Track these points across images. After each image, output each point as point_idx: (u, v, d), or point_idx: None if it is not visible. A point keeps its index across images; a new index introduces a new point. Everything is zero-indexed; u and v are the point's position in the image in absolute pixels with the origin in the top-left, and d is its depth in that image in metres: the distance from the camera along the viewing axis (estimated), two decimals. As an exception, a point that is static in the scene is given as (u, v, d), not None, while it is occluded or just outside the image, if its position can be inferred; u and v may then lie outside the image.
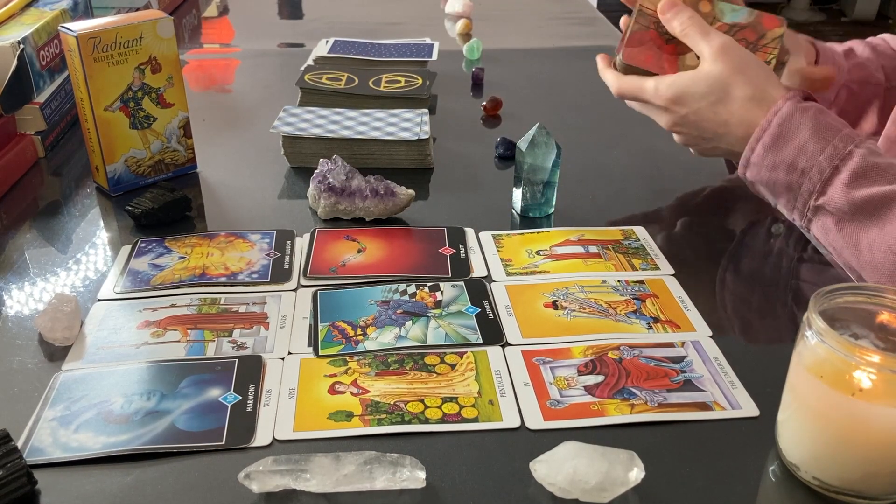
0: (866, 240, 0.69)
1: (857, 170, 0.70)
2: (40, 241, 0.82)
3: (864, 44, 0.97)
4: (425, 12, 1.56)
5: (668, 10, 0.81)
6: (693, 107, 0.78)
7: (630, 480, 0.51)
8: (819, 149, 0.71)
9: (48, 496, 0.52)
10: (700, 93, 0.77)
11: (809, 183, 0.72)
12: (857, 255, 0.70)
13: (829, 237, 0.73)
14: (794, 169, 0.72)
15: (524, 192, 0.84)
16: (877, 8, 4.47)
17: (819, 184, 0.71)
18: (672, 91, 0.78)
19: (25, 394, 0.61)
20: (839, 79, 0.92)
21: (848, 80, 0.93)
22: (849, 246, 0.71)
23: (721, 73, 0.76)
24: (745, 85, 0.76)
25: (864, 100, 0.94)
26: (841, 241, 0.71)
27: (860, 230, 0.69)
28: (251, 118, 1.08)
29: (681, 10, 0.80)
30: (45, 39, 1.01)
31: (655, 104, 0.80)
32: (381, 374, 0.63)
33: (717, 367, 0.64)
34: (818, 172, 0.71)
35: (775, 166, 0.73)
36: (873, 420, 0.49)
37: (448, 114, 1.10)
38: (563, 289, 0.73)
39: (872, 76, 0.94)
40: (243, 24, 1.56)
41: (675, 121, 0.80)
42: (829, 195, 0.71)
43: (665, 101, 0.79)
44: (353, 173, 0.83)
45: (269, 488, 0.52)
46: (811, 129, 0.72)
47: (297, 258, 0.77)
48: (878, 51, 0.97)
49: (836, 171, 0.70)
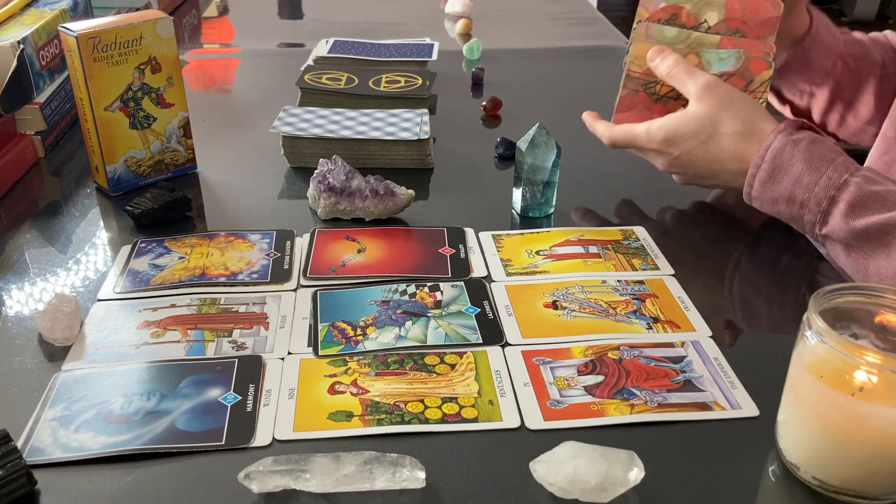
0: (874, 267, 0.69)
1: (854, 200, 0.70)
2: (40, 241, 0.82)
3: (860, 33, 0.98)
4: (425, 12, 1.56)
5: (655, 57, 0.82)
6: (684, 147, 0.79)
7: (630, 480, 0.51)
8: (814, 180, 0.72)
9: (48, 496, 0.52)
10: (690, 132, 0.78)
11: (810, 214, 0.72)
12: (867, 279, 0.71)
13: (839, 261, 0.74)
14: (794, 202, 0.73)
15: (524, 192, 0.84)
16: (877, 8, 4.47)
17: (819, 215, 0.72)
18: (663, 133, 0.79)
19: (25, 394, 0.61)
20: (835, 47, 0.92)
21: (844, 52, 0.93)
22: (858, 272, 0.71)
23: (708, 111, 0.77)
24: (733, 121, 0.76)
25: (861, 75, 0.94)
26: (851, 266, 0.72)
27: (866, 258, 0.70)
28: (251, 118, 1.08)
29: (668, 55, 0.82)
30: (45, 39, 1.01)
31: (649, 148, 0.81)
32: (380, 374, 0.63)
33: (717, 367, 0.64)
34: (816, 204, 0.72)
35: (775, 201, 0.74)
36: (873, 420, 0.49)
37: (448, 114, 1.10)
38: (563, 289, 0.73)
39: (869, 54, 0.95)
40: (243, 24, 1.56)
41: (670, 162, 0.81)
42: (831, 226, 0.71)
43: (658, 144, 0.80)
44: (353, 173, 0.83)
45: (269, 488, 0.52)
46: (804, 161, 0.72)
47: (296, 258, 0.77)
48: (876, 41, 0.97)
49: (834, 202, 0.71)
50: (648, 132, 0.80)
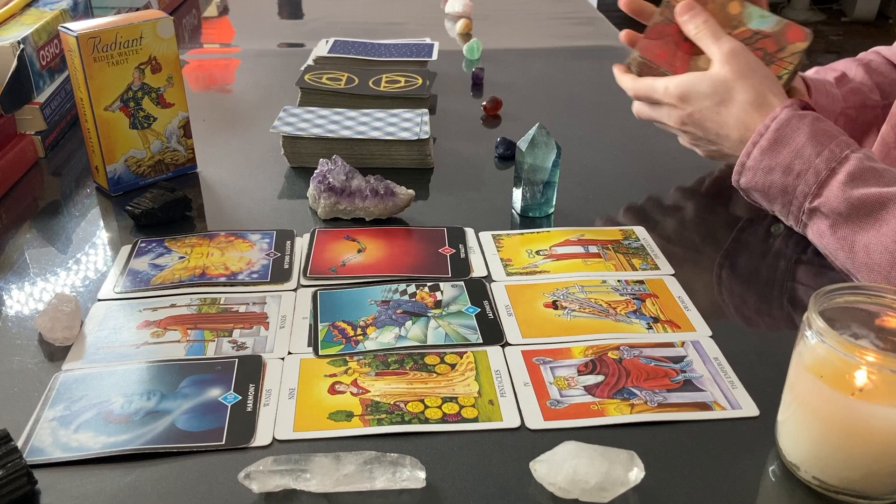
0: (862, 241, 0.69)
1: (854, 171, 0.70)
2: (40, 241, 0.82)
3: (856, 64, 0.98)
4: (425, 12, 1.56)
5: (685, 13, 0.83)
6: (698, 105, 0.80)
7: (630, 480, 0.52)
8: (816, 152, 0.72)
9: (48, 496, 0.52)
10: (704, 92, 0.79)
11: (805, 185, 0.73)
12: (852, 256, 0.70)
13: (823, 240, 0.74)
14: (790, 171, 0.73)
15: (524, 192, 0.84)
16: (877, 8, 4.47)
17: (815, 185, 0.72)
18: (680, 89, 0.81)
19: (25, 394, 0.61)
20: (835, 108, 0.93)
21: (844, 106, 0.94)
22: (843, 248, 0.71)
23: (727, 76, 0.79)
24: (748, 89, 0.77)
25: (864, 123, 0.95)
26: (835, 243, 0.72)
27: (855, 231, 0.70)
28: (251, 118, 1.08)
29: (697, 14, 0.82)
30: (45, 39, 1.01)
31: (665, 102, 0.83)
32: (381, 374, 0.63)
33: (717, 367, 0.64)
34: (814, 174, 0.72)
35: (771, 169, 0.75)
36: (873, 420, 0.50)
37: (448, 114, 1.10)
38: (563, 289, 0.73)
39: (868, 99, 0.95)
40: (243, 24, 1.56)
41: (681, 118, 0.82)
42: (825, 196, 0.71)
43: (673, 99, 0.82)
44: (353, 173, 0.83)
45: (269, 488, 0.52)
46: (808, 135, 0.73)
47: (297, 258, 0.77)
48: (872, 68, 0.97)
49: (833, 173, 0.71)
50: (667, 87, 0.82)
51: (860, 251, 0.70)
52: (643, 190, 0.91)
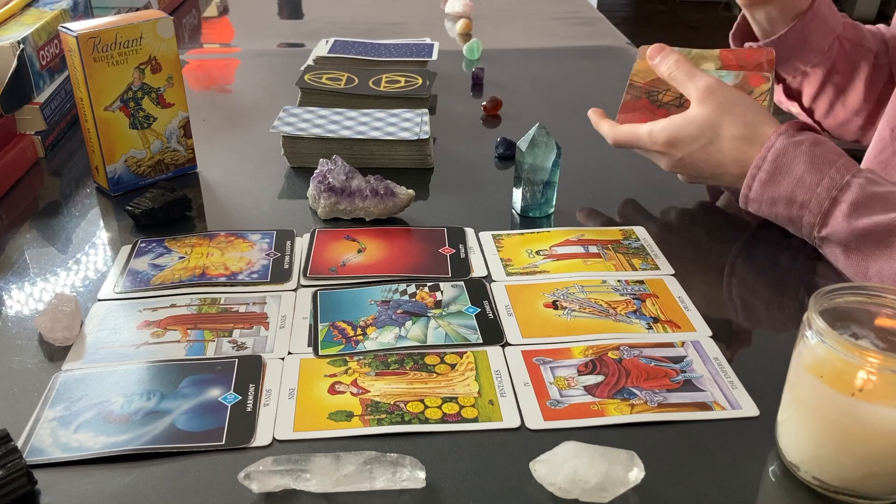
0: (874, 268, 0.69)
1: (857, 200, 0.70)
2: (40, 241, 0.82)
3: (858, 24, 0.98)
4: (425, 12, 1.56)
5: (655, 55, 0.83)
6: (686, 150, 0.79)
7: (630, 480, 0.51)
8: (816, 181, 0.71)
9: (48, 496, 0.52)
10: (691, 136, 0.78)
11: (810, 215, 0.72)
12: (867, 280, 0.70)
13: (838, 264, 0.74)
14: (793, 203, 0.73)
15: (524, 192, 0.84)
16: (877, 8, 4.47)
17: (819, 216, 0.72)
18: (665, 135, 0.80)
19: (25, 394, 0.61)
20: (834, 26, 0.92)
21: (841, 34, 0.93)
22: (857, 274, 0.71)
23: (709, 114, 0.78)
24: (734, 125, 0.77)
25: (855, 60, 0.95)
26: (849, 268, 0.72)
27: (866, 259, 0.70)
28: (251, 118, 1.08)
29: (668, 55, 0.82)
30: (45, 39, 1.01)
31: (652, 149, 0.82)
32: (381, 374, 0.63)
33: (717, 367, 0.64)
34: (817, 205, 0.71)
35: (774, 202, 0.74)
36: (873, 420, 0.49)
37: (448, 114, 1.10)
38: (563, 289, 0.73)
39: (865, 40, 0.95)
40: (243, 24, 1.56)
41: (673, 163, 0.81)
42: (832, 227, 0.71)
43: (660, 147, 0.80)
44: (353, 173, 0.83)
45: (269, 488, 0.52)
46: (806, 163, 0.72)
47: (297, 258, 0.77)
48: (870, 31, 0.97)
49: (836, 203, 0.71)
50: (651, 134, 0.81)
51: (874, 278, 0.70)
52: (643, 190, 0.91)
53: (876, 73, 0.95)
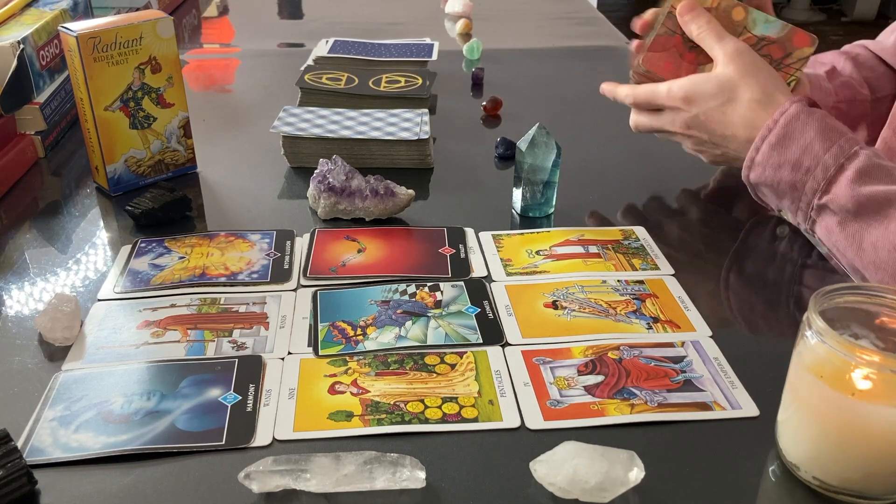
0: (870, 238, 0.69)
1: (863, 168, 0.70)
2: (40, 241, 0.82)
3: (844, 57, 0.98)
4: (425, 12, 1.56)
5: (686, 13, 0.83)
6: (703, 107, 0.79)
7: (630, 480, 0.52)
8: (825, 148, 0.72)
9: (48, 496, 0.52)
10: (710, 93, 0.79)
11: (814, 181, 0.72)
12: (860, 253, 0.70)
13: (832, 237, 0.73)
14: (799, 167, 0.73)
15: (524, 192, 0.84)
16: (877, 8, 4.47)
17: (824, 182, 0.72)
18: (684, 90, 0.80)
19: (25, 394, 0.61)
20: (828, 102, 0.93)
21: (836, 101, 0.94)
22: (852, 245, 0.71)
23: (731, 75, 0.78)
24: (753, 88, 0.77)
25: (854, 118, 0.95)
26: (844, 240, 0.72)
27: (864, 228, 0.70)
28: (251, 118, 1.08)
29: (699, 14, 0.82)
30: (45, 39, 1.01)
31: (669, 105, 0.82)
32: (381, 374, 0.63)
33: (717, 367, 0.64)
34: (823, 170, 0.72)
35: (780, 165, 0.74)
36: (873, 420, 0.50)
37: (448, 114, 1.10)
38: (563, 289, 0.73)
39: (858, 93, 0.95)
40: (243, 24, 1.56)
41: (686, 121, 0.81)
42: (834, 193, 0.71)
43: (678, 101, 0.81)
44: (353, 173, 0.83)
45: (269, 488, 0.52)
46: (817, 130, 0.73)
47: (297, 258, 0.77)
48: (859, 62, 0.97)
49: (842, 169, 0.71)
50: (670, 90, 0.81)
51: (868, 248, 0.70)
52: (643, 190, 0.91)
53: (877, 108, 0.95)
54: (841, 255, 0.73)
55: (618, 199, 0.89)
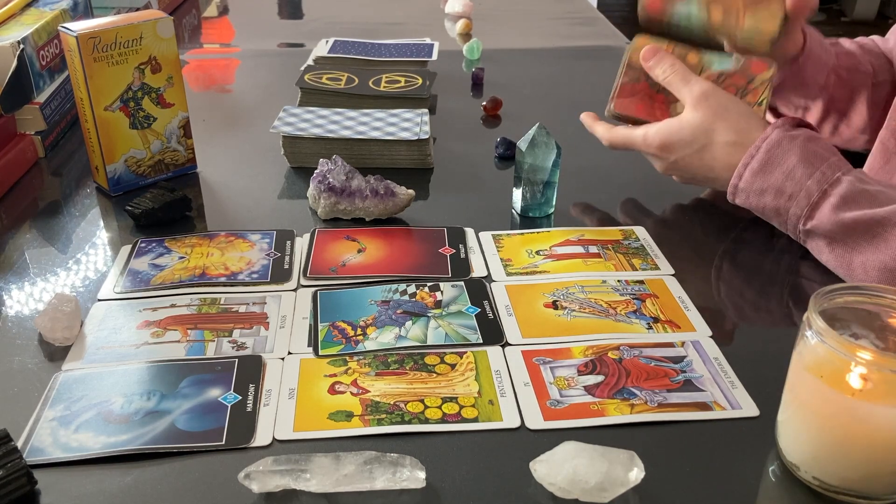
0: (859, 260, 0.70)
1: (846, 194, 0.70)
2: (40, 241, 0.82)
3: (850, 41, 0.98)
4: (425, 12, 1.56)
5: (650, 58, 0.83)
6: (680, 154, 0.80)
7: (630, 480, 0.52)
8: (807, 174, 0.72)
9: (48, 496, 0.52)
10: (684, 141, 0.79)
11: (797, 208, 0.73)
12: (850, 273, 0.71)
13: (822, 257, 0.74)
14: (782, 194, 0.73)
15: (524, 192, 0.84)
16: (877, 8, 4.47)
17: (807, 208, 0.72)
18: (659, 139, 0.81)
19: (25, 394, 0.61)
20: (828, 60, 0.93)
21: (836, 65, 0.93)
22: (841, 266, 0.72)
23: (703, 120, 0.78)
24: (727, 131, 0.77)
25: (853, 87, 0.95)
26: (833, 261, 0.73)
27: (851, 251, 0.70)
28: (251, 118, 1.08)
29: (662, 58, 0.82)
30: (45, 39, 1.01)
31: (646, 151, 0.83)
32: (381, 374, 0.63)
33: (717, 367, 0.64)
34: (806, 196, 0.72)
35: (763, 192, 0.75)
36: (873, 420, 0.50)
37: (448, 114, 1.10)
38: (563, 289, 0.73)
39: (861, 64, 0.95)
40: (243, 24, 1.56)
41: (667, 166, 0.83)
42: (818, 219, 0.72)
43: (654, 150, 0.82)
44: (353, 173, 0.83)
45: (269, 488, 0.52)
46: (799, 156, 0.73)
47: (297, 258, 0.77)
48: (865, 48, 0.97)
49: (825, 196, 0.71)
50: (646, 137, 0.82)
51: (857, 269, 0.70)
52: (643, 190, 0.91)
53: (877, 91, 0.95)
54: (834, 271, 0.74)
55: (618, 199, 0.89)
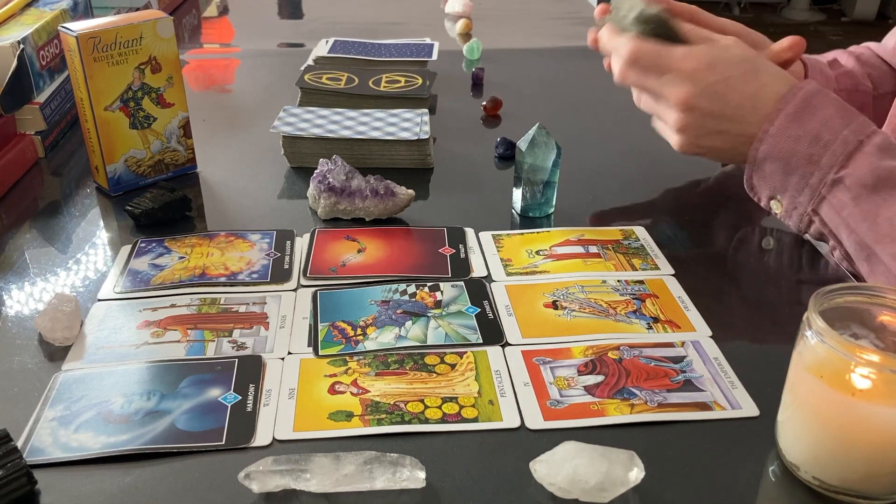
0: (886, 213, 0.68)
1: (882, 144, 0.71)
2: (40, 241, 0.82)
3: (847, 54, 0.98)
4: (425, 12, 1.56)
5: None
6: (725, 74, 0.74)
7: (630, 480, 0.52)
8: (844, 124, 0.72)
9: (48, 496, 0.52)
10: (734, 59, 0.74)
11: (832, 155, 0.71)
12: (874, 227, 0.69)
13: (842, 213, 0.71)
14: (818, 140, 0.72)
15: (524, 192, 0.84)
16: (877, 8, 4.47)
17: (843, 156, 0.71)
18: (708, 56, 0.74)
19: (25, 394, 0.61)
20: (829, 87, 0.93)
21: (837, 88, 0.94)
22: (866, 219, 0.70)
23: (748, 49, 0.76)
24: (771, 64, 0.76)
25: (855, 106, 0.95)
26: (858, 215, 0.70)
27: (881, 203, 0.69)
28: (251, 118, 1.08)
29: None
30: (45, 39, 1.01)
31: (680, 69, 0.74)
32: (381, 374, 0.63)
33: (717, 367, 0.64)
34: (842, 144, 0.71)
35: (798, 137, 0.72)
36: (873, 420, 0.50)
37: (448, 114, 1.10)
38: (563, 289, 0.73)
39: (860, 83, 0.95)
40: (243, 24, 1.56)
41: (696, 92, 0.74)
42: (852, 167, 0.70)
43: (695, 66, 0.73)
44: (353, 173, 0.83)
45: (269, 488, 0.52)
46: (835, 107, 0.73)
47: (297, 258, 0.77)
48: (863, 60, 0.97)
49: (861, 145, 0.71)
50: (688, 54, 0.74)
51: (883, 223, 0.69)
52: (643, 190, 0.91)
53: (880, 104, 0.95)
54: (849, 231, 0.71)
55: (618, 199, 0.89)
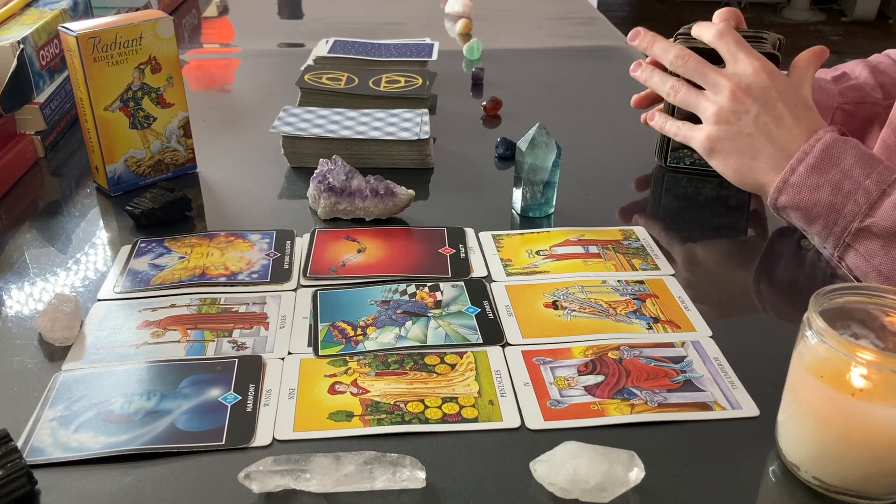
0: None
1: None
2: (40, 241, 0.82)
3: (861, 64, 0.98)
4: (425, 12, 1.56)
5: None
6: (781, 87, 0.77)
7: (630, 480, 0.52)
8: (865, 174, 0.72)
9: (48, 496, 0.52)
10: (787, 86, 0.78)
11: (855, 205, 0.72)
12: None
13: (873, 260, 0.72)
14: (840, 190, 0.72)
15: (524, 192, 0.84)
16: (877, 8, 4.47)
17: (866, 206, 0.71)
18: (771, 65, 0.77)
19: (25, 394, 0.61)
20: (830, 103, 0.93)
21: (841, 102, 0.94)
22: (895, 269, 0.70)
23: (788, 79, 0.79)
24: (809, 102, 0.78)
25: (863, 119, 0.95)
26: (889, 263, 0.71)
27: None
28: (251, 118, 1.08)
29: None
30: (45, 39, 1.01)
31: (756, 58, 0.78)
32: (381, 374, 0.63)
33: (717, 367, 0.64)
34: (865, 194, 0.71)
35: (819, 187, 0.73)
36: (873, 420, 0.50)
37: (448, 114, 1.10)
38: (563, 289, 0.73)
39: (868, 95, 0.95)
40: (243, 24, 1.56)
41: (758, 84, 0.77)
42: (878, 216, 0.70)
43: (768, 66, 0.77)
44: (353, 173, 0.83)
45: (269, 488, 0.52)
46: (855, 157, 0.72)
47: (296, 258, 0.77)
48: (879, 70, 0.97)
49: (884, 194, 0.70)
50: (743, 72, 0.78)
51: None
52: (643, 190, 0.91)
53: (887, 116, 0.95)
54: (884, 278, 0.72)
55: (618, 199, 0.89)
